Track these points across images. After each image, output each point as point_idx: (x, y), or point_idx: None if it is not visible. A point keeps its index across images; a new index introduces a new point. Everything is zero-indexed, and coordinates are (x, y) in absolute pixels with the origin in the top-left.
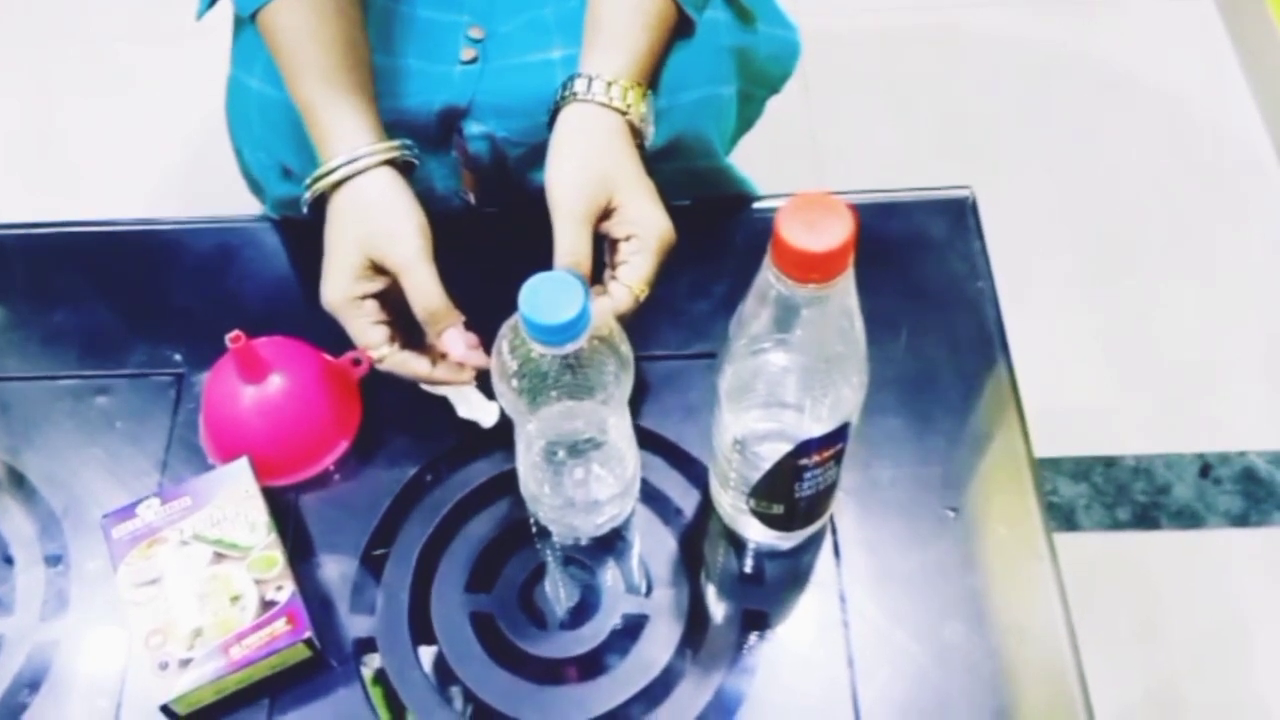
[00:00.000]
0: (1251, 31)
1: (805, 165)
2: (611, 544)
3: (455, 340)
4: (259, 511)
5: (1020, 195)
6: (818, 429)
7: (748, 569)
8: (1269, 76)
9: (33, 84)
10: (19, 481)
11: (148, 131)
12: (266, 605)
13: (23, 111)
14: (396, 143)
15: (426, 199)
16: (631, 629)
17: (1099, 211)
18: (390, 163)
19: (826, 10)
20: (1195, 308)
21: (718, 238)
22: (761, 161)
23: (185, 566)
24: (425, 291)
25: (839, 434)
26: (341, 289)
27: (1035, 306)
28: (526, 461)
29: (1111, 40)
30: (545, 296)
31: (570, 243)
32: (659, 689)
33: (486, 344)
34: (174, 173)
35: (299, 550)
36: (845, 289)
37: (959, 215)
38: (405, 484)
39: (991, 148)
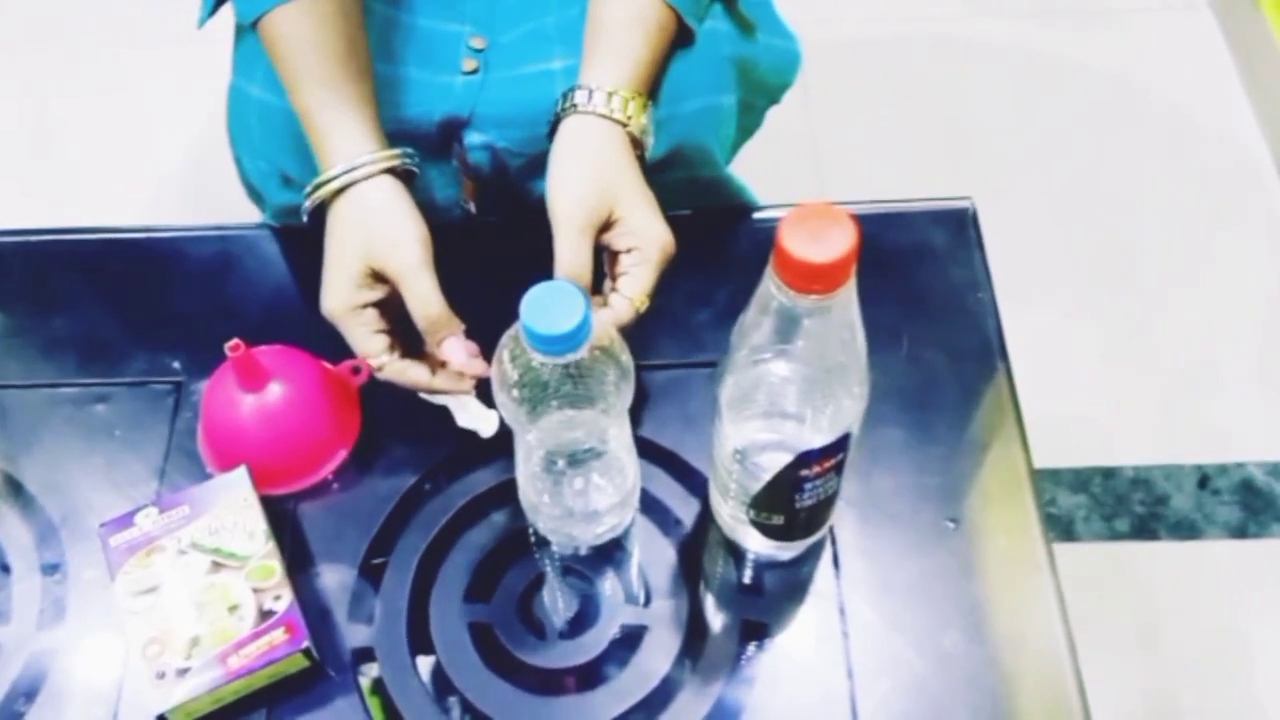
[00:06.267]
0: (1250, 43)
1: (805, 175)
2: (611, 554)
3: (455, 349)
4: (257, 520)
5: (1020, 205)
6: (818, 439)
7: (747, 579)
8: (1267, 87)
9: (32, 88)
10: (17, 489)
11: (147, 137)
12: (264, 615)
13: (22, 116)
14: (397, 151)
15: (427, 208)
16: (630, 639)
17: (1099, 222)
18: (391, 171)
19: (827, 20)
20: (1194, 318)
21: (718, 247)
22: (761, 171)
23: (183, 575)
24: (425, 300)
25: (840, 444)
26: (342, 297)
27: (1035, 317)
28: (526, 471)
29: (1111, 51)
30: (546, 306)
31: (571, 255)
32: (658, 700)
33: (486, 353)
34: (173, 179)
35: (297, 559)
36: (847, 300)
37: (960, 226)
38: (404, 493)
39: (991, 158)
